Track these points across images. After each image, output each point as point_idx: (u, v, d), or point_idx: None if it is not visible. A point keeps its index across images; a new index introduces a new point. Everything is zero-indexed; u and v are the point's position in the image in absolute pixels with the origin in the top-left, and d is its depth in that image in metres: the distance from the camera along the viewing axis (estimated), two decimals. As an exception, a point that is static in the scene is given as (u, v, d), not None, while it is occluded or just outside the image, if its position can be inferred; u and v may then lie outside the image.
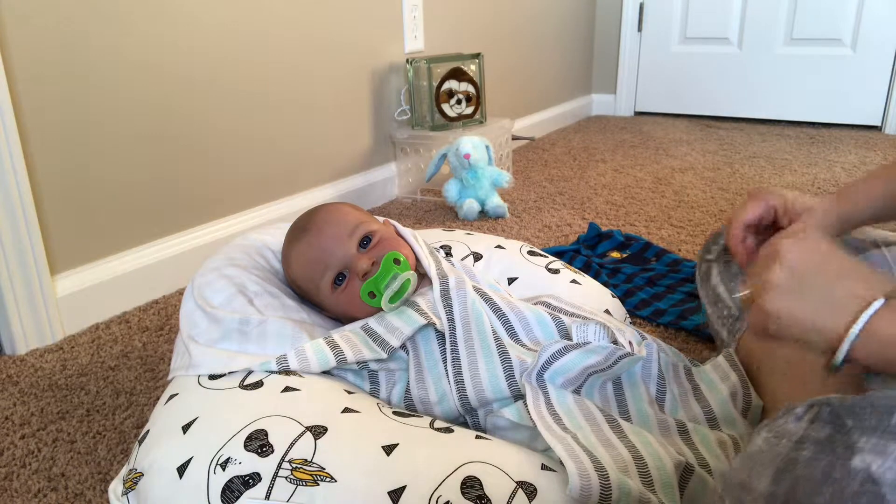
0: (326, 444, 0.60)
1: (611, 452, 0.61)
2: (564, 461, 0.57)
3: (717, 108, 2.86)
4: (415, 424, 0.64)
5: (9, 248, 1.04)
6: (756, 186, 0.82)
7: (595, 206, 1.74)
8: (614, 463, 0.59)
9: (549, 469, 0.59)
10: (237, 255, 0.86)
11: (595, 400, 0.72)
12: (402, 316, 0.74)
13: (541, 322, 0.76)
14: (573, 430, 0.64)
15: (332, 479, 0.56)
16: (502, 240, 1.03)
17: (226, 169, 1.40)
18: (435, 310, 0.75)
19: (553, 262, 0.97)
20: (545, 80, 2.68)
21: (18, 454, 0.82)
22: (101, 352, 1.07)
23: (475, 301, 0.75)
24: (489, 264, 0.96)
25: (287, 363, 0.70)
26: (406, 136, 1.83)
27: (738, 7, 2.72)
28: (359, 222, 0.79)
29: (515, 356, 0.71)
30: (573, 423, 0.65)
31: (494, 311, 0.76)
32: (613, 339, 0.74)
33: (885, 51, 2.51)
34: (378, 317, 0.76)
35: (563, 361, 0.69)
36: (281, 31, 1.47)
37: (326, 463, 0.58)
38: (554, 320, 0.77)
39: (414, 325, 0.72)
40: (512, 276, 0.94)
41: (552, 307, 0.83)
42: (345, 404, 0.66)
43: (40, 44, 1.05)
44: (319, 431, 0.61)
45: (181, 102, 1.28)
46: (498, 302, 0.77)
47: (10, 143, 1.01)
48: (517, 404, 0.68)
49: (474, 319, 0.74)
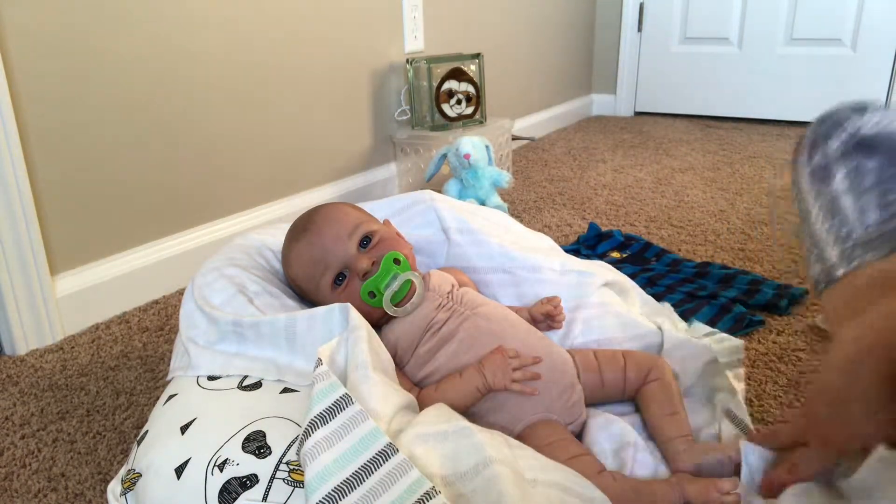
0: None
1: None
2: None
3: (717, 108, 2.86)
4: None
5: (9, 248, 1.04)
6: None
7: (595, 206, 1.74)
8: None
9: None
10: (237, 255, 0.85)
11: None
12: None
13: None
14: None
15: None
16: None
17: (226, 169, 1.40)
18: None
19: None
20: (545, 80, 2.68)
21: (18, 454, 0.82)
22: (101, 352, 1.07)
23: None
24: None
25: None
26: (406, 136, 1.83)
27: (738, 7, 2.72)
28: (359, 222, 0.79)
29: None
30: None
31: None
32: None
33: (885, 51, 2.51)
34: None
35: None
36: (281, 30, 1.47)
37: (325, 464, 0.58)
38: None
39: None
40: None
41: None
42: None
43: (40, 44, 1.05)
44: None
45: (181, 102, 1.28)
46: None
47: (10, 143, 1.01)
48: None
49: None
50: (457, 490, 0.54)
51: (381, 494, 0.52)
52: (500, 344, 0.73)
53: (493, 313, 0.78)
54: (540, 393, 0.71)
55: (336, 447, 0.55)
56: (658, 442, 0.72)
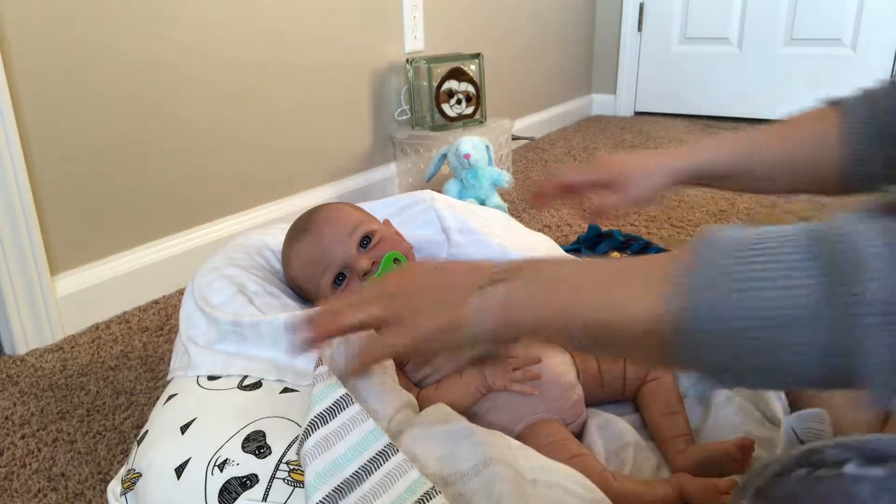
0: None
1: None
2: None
3: (717, 108, 2.86)
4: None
5: (9, 248, 1.04)
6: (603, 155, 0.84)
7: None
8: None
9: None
10: (237, 254, 0.85)
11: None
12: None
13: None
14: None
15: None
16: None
17: (226, 169, 1.40)
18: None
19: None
20: (545, 80, 2.68)
21: (18, 454, 0.82)
22: (101, 352, 1.07)
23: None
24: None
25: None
26: (406, 136, 1.83)
27: (738, 7, 2.72)
28: (359, 222, 0.79)
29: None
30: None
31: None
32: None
33: (885, 51, 2.51)
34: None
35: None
36: (281, 30, 1.47)
37: (325, 464, 0.58)
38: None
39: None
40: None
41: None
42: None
43: (40, 44, 1.05)
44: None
45: (181, 102, 1.28)
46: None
47: (10, 143, 1.01)
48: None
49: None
50: (457, 490, 0.54)
51: (382, 494, 0.52)
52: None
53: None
54: (540, 393, 0.71)
55: (336, 447, 0.55)
56: (658, 442, 0.72)
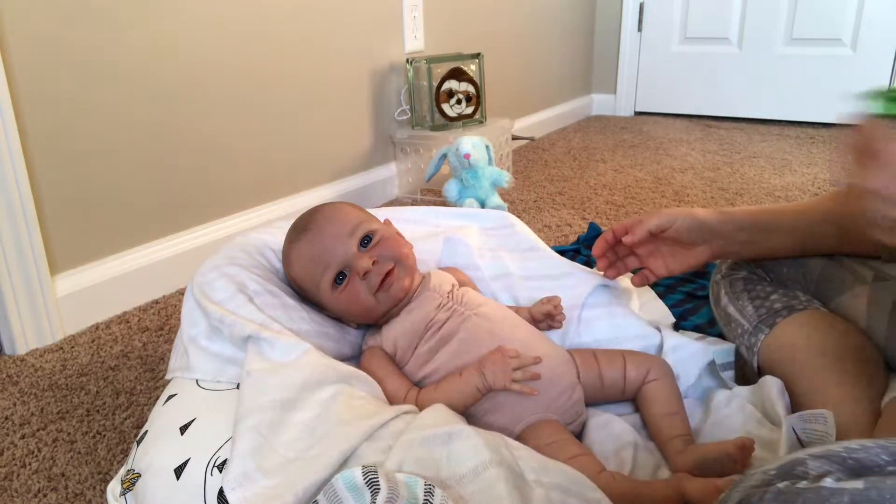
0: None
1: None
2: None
3: (717, 108, 2.86)
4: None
5: (9, 248, 1.04)
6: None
7: (595, 206, 1.74)
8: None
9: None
10: (237, 254, 0.85)
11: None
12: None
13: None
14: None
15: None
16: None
17: (226, 169, 1.40)
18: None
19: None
20: (545, 80, 2.68)
21: (18, 454, 0.82)
22: (101, 352, 1.07)
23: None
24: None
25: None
26: (406, 136, 1.83)
27: (738, 7, 2.72)
28: (359, 221, 0.79)
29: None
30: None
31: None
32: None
33: (885, 51, 2.51)
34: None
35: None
36: (281, 30, 1.47)
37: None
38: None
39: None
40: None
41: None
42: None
43: (40, 44, 1.05)
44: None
45: (181, 102, 1.28)
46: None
47: (10, 143, 1.01)
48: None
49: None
50: (456, 493, 0.54)
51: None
52: (500, 344, 0.73)
53: (494, 313, 0.78)
54: (540, 393, 0.71)
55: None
56: (658, 442, 0.72)
